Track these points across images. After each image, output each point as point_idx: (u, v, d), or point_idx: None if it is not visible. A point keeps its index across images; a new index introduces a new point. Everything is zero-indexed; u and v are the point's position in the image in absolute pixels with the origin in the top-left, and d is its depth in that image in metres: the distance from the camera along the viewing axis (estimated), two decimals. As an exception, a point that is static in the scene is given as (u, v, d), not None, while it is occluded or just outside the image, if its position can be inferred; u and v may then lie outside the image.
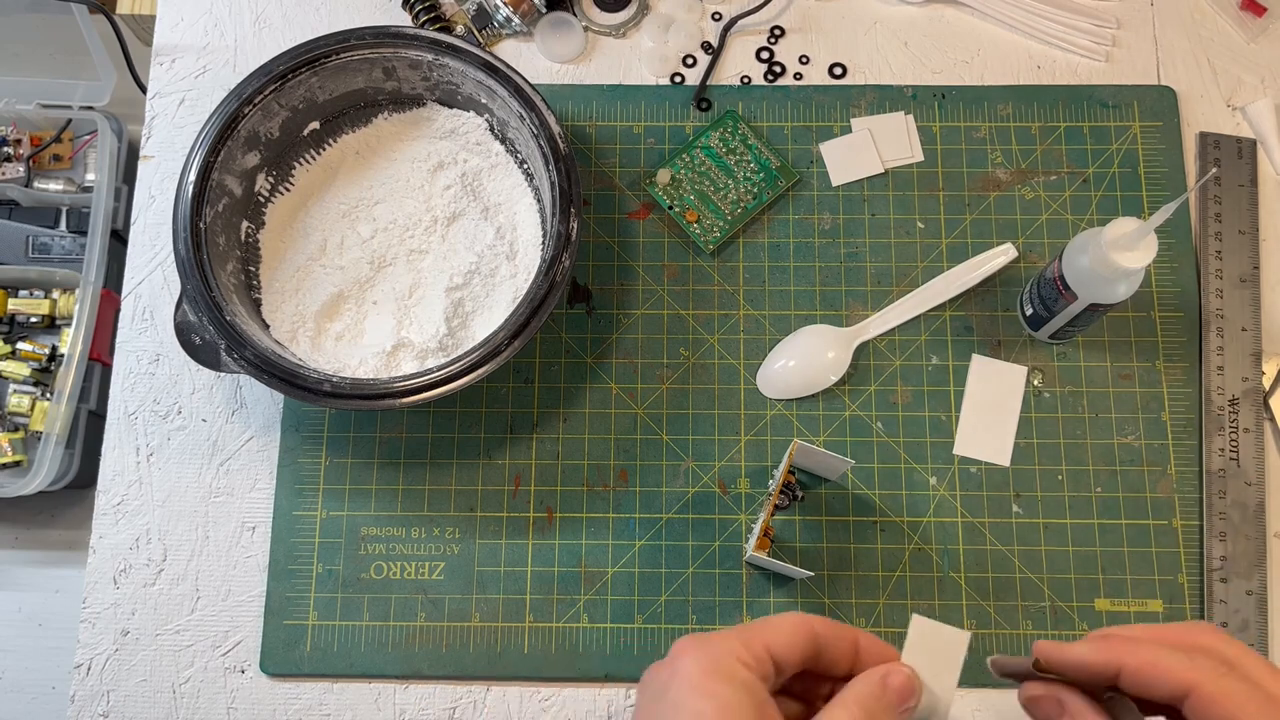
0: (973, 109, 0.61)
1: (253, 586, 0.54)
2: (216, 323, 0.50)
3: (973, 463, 0.55)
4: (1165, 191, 0.59)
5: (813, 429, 0.56)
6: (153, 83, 0.63)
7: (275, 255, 0.57)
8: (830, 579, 0.54)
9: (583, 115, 0.61)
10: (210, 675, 0.53)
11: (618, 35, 0.63)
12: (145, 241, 0.60)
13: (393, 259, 0.57)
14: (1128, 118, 0.60)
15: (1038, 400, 0.56)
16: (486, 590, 0.54)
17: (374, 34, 0.55)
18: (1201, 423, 0.55)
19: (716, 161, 0.60)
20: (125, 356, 0.58)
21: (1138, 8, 0.63)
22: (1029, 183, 0.59)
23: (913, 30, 0.63)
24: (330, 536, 0.55)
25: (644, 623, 0.53)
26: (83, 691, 0.53)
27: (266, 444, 0.57)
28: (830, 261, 0.59)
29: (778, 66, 0.62)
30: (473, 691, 0.53)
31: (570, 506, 0.55)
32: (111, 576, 0.55)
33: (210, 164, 0.53)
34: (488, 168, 0.58)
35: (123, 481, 0.56)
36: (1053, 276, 0.52)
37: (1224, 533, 0.54)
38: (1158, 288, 0.58)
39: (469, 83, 0.56)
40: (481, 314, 0.56)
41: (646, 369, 0.57)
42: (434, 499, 0.55)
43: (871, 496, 0.55)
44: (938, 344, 0.57)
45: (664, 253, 0.59)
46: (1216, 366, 0.56)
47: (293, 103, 0.56)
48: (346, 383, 0.50)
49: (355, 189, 0.58)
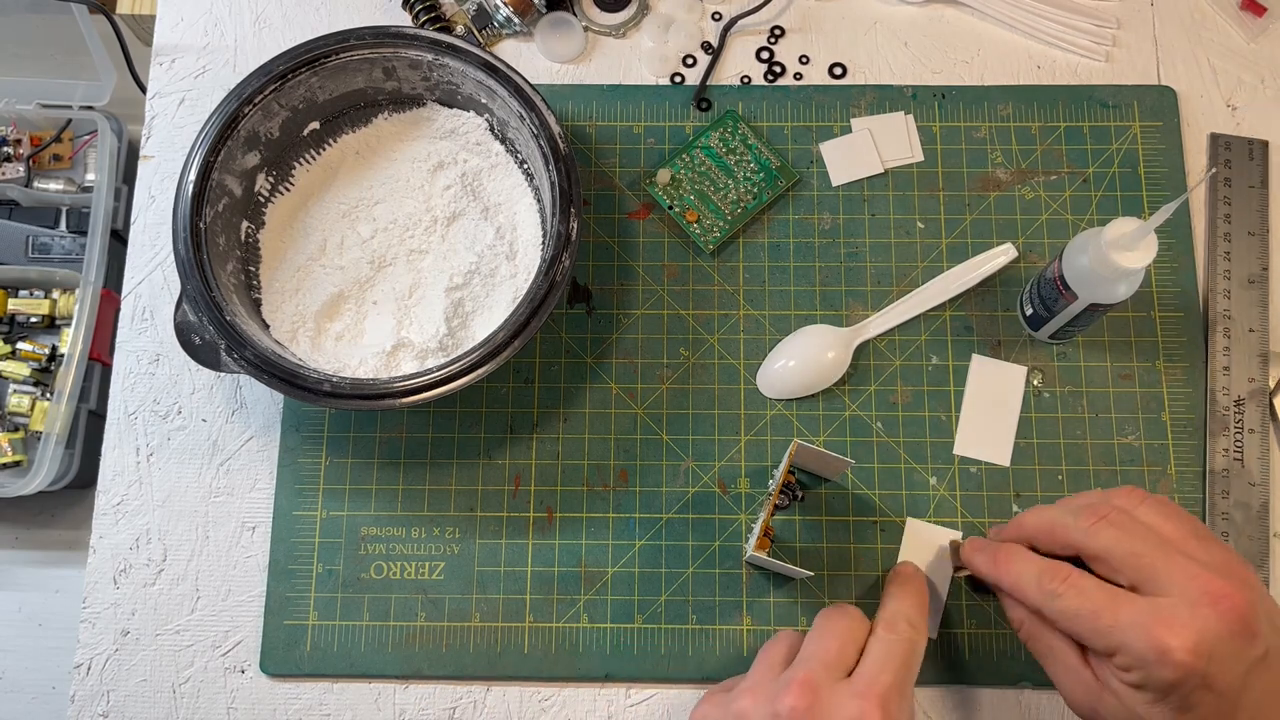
0: (973, 109, 0.61)
1: (253, 586, 0.54)
2: (216, 323, 0.50)
3: (973, 463, 0.55)
4: (1165, 191, 0.59)
5: (813, 429, 0.56)
6: (153, 83, 0.63)
7: (275, 255, 0.57)
8: (830, 579, 0.54)
9: (583, 115, 0.61)
10: (210, 675, 0.53)
11: (618, 35, 0.63)
12: (145, 241, 0.60)
13: (393, 259, 0.57)
14: (1128, 118, 0.60)
15: (1038, 400, 0.56)
16: (486, 590, 0.54)
17: (374, 34, 0.55)
18: (1205, 423, 0.55)
19: (716, 161, 0.60)
20: (125, 356, 0.58)
21: (1138, 8, 0.63)
22: (1029, 183, 0.59)
23: (913, 30, 0.63)
24: (330, 536, 0.55)
25: (644, 623, 0.53)
26: (83, 691, 0.53)
27: (266, 444, 0.57)
28: (830, 261, 0.58)
29: (778, 66, 0.62)
30: (473, 691, 0.53)
31: (570, 506, 0.55)
32: (111, 576, 0.55)
33: (210, 164, 0.53)
34: (488, 168, 0.58)
35: (123, 481, 0.56)
36: (1053, 276, 0.52)
37: (1226, 533, 0.54)
38: (1158, 288, 0.58)
39: (469, 83, 0.56)
40: (481, 314, 0.56)
41: (646, 369, 0.57)
42: (434, 499, 0.55)
43: (871, 496, 0.55)
44: (938, 344, 0.57)
45: (664, 253, 0.59)
46: (1222, 367, 0.56)
47: (293, 103, 0.56)
48: (346, 383, 0.50)
49: (355, 189, 0.58)
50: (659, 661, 0.53)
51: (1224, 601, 0.40)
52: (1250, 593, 0.40)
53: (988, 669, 0.52)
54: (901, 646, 0.45)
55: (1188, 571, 0.41)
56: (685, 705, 0.52)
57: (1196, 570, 0.41)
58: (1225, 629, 0.39)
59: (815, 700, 0.42)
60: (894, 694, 0.42)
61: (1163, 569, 0.41)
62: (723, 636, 0.53)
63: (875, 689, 0.42)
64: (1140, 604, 0.41)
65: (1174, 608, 0.40)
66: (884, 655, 0.44)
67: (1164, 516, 0.44)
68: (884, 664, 0.44)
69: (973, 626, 0.53)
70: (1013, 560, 0.46)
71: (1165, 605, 0.40)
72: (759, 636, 0.53)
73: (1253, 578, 0.42)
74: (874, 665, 0.44)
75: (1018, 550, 0.47)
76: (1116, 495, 0.45)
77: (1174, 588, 0.41)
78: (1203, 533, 0.43)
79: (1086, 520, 0.44)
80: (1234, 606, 0.40)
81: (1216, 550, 0.42)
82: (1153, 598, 0.41)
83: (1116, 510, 0.44)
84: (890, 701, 0.42)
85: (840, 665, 0.44)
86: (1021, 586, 0.45)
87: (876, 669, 0.44)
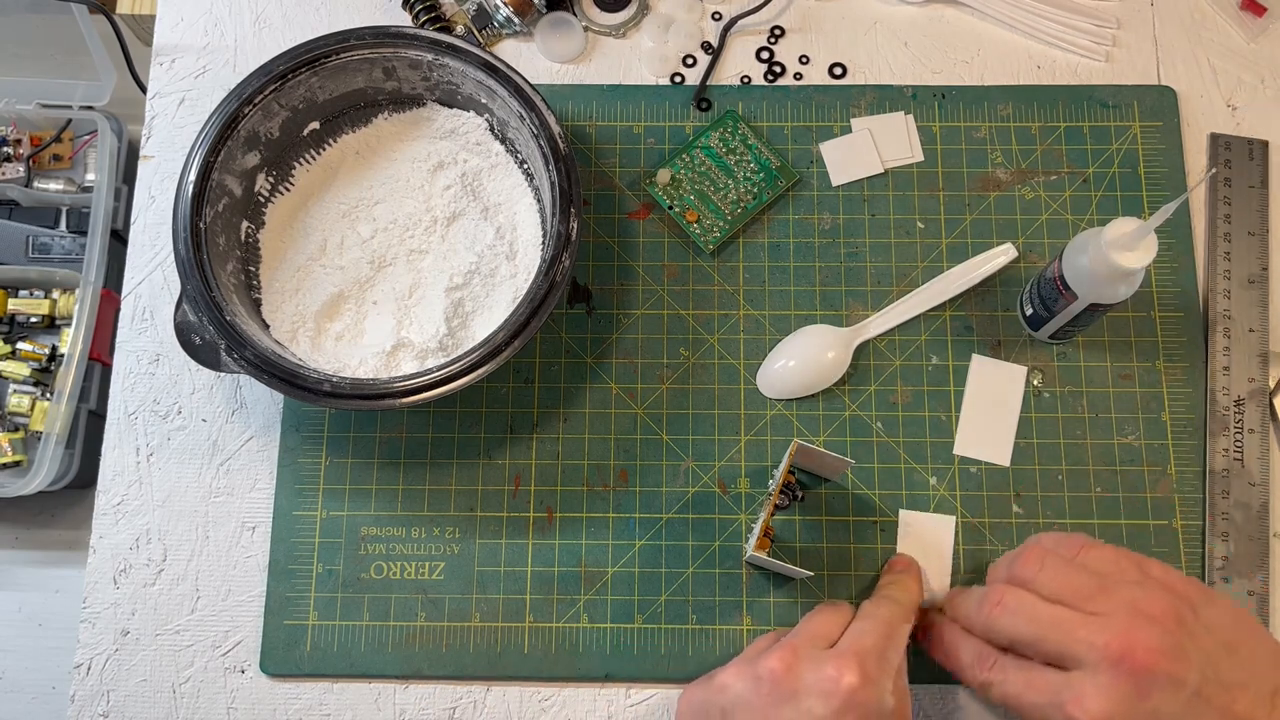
0: (973, 109, 0.61)
1: (253, 586, 0.54)
2: (216, 323, 0.50)
3: (973, 463, 0.55)
4: (1165, 191, 0.59)
5: (813, 429, 0.56)
6: (153, 83, 0.63)
7: (275, 255, 0.57)
8: (830, 579, 0.54)
9: (583, 115, 0.61)
10: (210, 675, 0.53)
11: (618, 35, 0.63)
12: (145, 241, 0.60)
13: (393, 259, 0.57)
14: (1128, 118, 0.60)
15: (1038, 400, 0.56)
16: (486, 590, 0.54)
17: (374, 34, 0.55)
18: (1205, 423, 0.55)
19: (716, 161, 0.60)
20: (125, 356, 0.58)
21: (1138, 8, 0.63)
22: (1029, 183, 0.59)
23: (913, 30, 0.63)
24: (330, 536, 0.55)
25: (644, 623, 0.53)
26: (83, 691, 0.53)
27: (266, 444, 0.57)
28: (830, 261, 0.58)
29: (778, 66, 0.62)
30: (473, 691, 0.53)
31: (570, 506, 0.55)
32: (111, 576, 0.55)
33: (210, 164, 0.53)
34: (488, 168, 0.58)
35: (123, 481, 0.56)
36: (1053, 276, 0.52)
37: (1226, 533, 0.54)
38: (1158, 288, 0.58)
39: (469, 83, 0.56)
40: (481, 314, 0.56)
41: (646, 369, 0.57)
42: (434, 499, 0.55)
43: (871, 496, 0.55)
44: (938, 344, 0.57)
45: (664, 253, 0.59)
46: (1222, 367, 0.56)
47: (293, 103, 0.56)
48: (346, 383, 0.50)
49: (355, 189, 0.58)
50: (659, 661, 0.53)
51: (1127, 660, 0.39)
52: (1160, 637, 0.39)
53: (988, 669, 0.52)
54: (884, 616, 0.45)
55: (1089, 639, 0.40)
56: (685, 705, 0.53)
57: (1098, 632, 0.40)
58: (1133, 689, 0.39)
59: (795, 661, 0.42)
60: (873, 657, 0.42)
61: (1066, 644, 0.41)
62: (723, 636, 0.53)
63: (853, 649, 0.43)
64: (1053, 682, 0.41)
65: (1081, 681, 0.40)
66: (866, 624, 0.45)
67: (1065, 575, 0.43)
68: (865, 631, 0.44)
69: (973, 626, 0.53)
70: (950, 644, 0.46)
71: (1075, 679, 0.40)
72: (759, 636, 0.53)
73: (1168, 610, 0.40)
74: (854, 631, 0.44)
75: (955, 633, 0.47)
76: (1018, 564, 0.44)
77: (1080, 658, 0.40)
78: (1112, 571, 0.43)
79: (985, 612, 0.44)
80: (1139, 662, 0.39)
81: (1124, 591, 0.41)
82: (1065, 673, 0.41)
83: (1010, 592, 0.44)
84: (868, 662, 0.42)
85: (823, 639, 0.44)
86: (960, 674, 0.46)
87: (856, 634, 0.44)
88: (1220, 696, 0.39)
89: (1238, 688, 0.39)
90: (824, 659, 0.42)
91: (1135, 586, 0.42)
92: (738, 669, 0.44)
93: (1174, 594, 0.41)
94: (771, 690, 0.42)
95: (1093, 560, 0.44)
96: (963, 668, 0.46)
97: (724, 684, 0.44)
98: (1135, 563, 0.44)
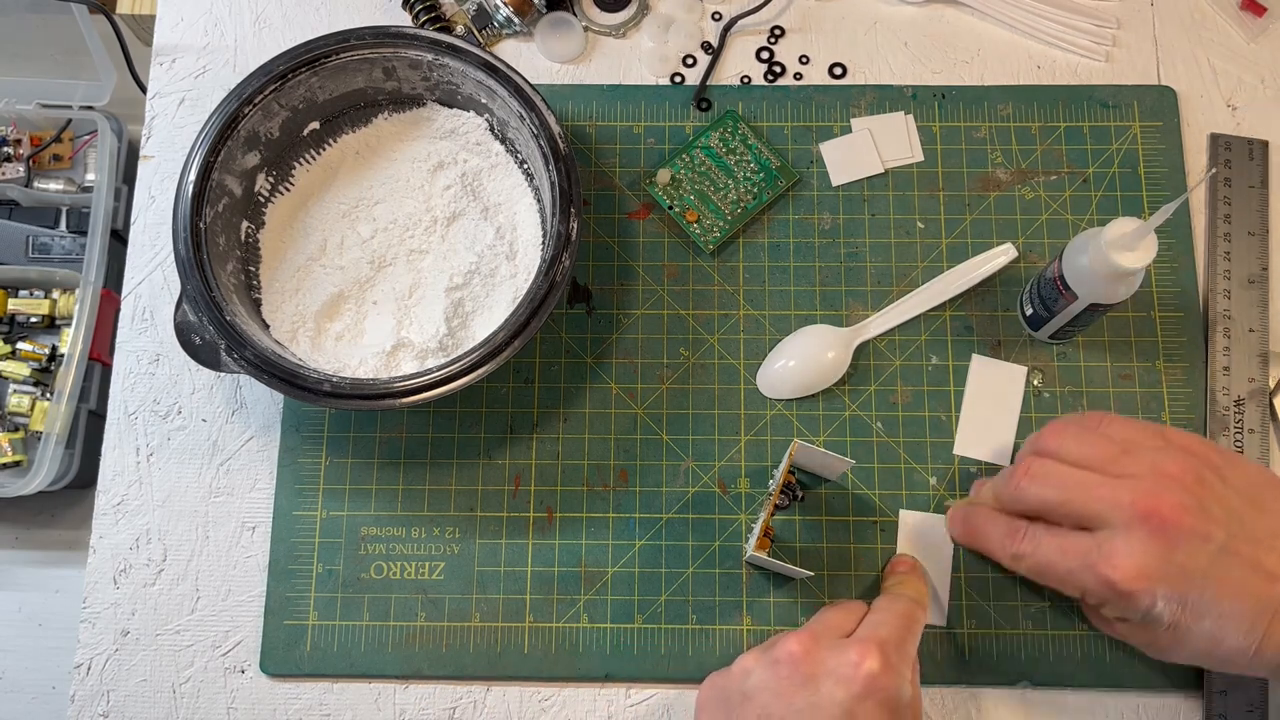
0: (973, 109, 0.61)
1: (253, 586, 0.54)
2: (216, 323, 0.50)
3: (973, 463, 0.55)
4: (1165, 191, 0.59)
5: (813, 429, 0.56)
6: (153, 83, 0.63)
7: (275, 255, 0.57)
8: (830, 579, 0.54)
9: (583, 115, 0.61)
10: (210, 675, 0.53)
11: (618, 35, 0.63)
12: (145, 241, 0.60)
13: (393, 259, 0.57)
14: (1128, 118, 0.60)
15: (1038, 400, 0.56)
16: (486, 590, 0.54)
17: (374, 34, 0.55)
18: (1205, 423, 0.55)
19: (716, 161, 0.60)
20: (125, 356, 0.58)
21: (1138, 8, 0.63)
22: (1029, 183, 0.59)
23: (913, 30, 0.63)
24: (330, 536, 0.55)
25: (644, 623, 0.53)
26: (83, 691, 0.53)
27: (266, 444, 0.57)
28: (830, 261, 0.58)
29: (778, 66, 0.62)
30: (473, 691, 0.53)
31: (570, 506, 0.55)
32: (111, 576, 0.55)
33: (210, 164, 0.53)
34: (488, 168, 0.58)
35: (123, 481, 0.56)
36: (1053, 276, 0.52)
37: (1224, 533, 0.54)
38: (1158, 288, 0.58)
39: (469, 83, 0.56)
40: (481, 314, 0.56)
41: (646, 369, 0.57)
42: (434, 499, 0.55)
43: (871, 496, 0.55)
44: (938, 344, 0.57)
45: (664, 253, 0.59)
46: (1222, 367, 0.56)
47: (293, 103, 0.56)
48: (346, 383, 0.50)
49: (355, 189, 0.58)
50: (659, 661, 0.53)
51: (1153, 518, 0.40)
52: (1182, 495, 0.40)
53: (988, 669, 0.52)
54: (900, 610, 0.46)
55: (1114, 498, 0.41)
56: (685, 705, 0.52)
57: (1123, 493, 0.41)
58: (1161, 545, 0.39)
59: (815, 646, 0.43)
60: (892, 645, 0.43)
61: (1092, 506, 0.42)
62: (723, 636, 0.53)
63: (874, 637, 0.43)
64: (1083, 544, 0.42)
65: (1110, 540, 0.41)
66: (882, 616, 0.45)
67: (1089, 443, 0.44)
68: (882, 622, 0.45)
69: (973, 626, 0.52)
70: (980, 524, 0.47)
71: (1104, 539, 0.41)
72: (759, 636, 0.53)
73: (1189, 470, 0.41)
74: (871, 622, 0.45)
75: (984, 514, 0.47)
76: (1042, 438, 0.46)
77: (1107, 518, 0.41)
78: (1133, 437, 0.43)
79: (1013, 483, 0.45)
80: (1165, 519, 0.40)
81: (1145, 455, 0.42)
82: (1094, 533, 0.42)
83: (1037, 461, 0.45)
84: (888, 649, 0.42)
85: (840, 629, 0.45)
86: (992, 552, 0.47)
87: (874, 625, 0.44)
88: (1249, 550, 0.40)
89: (1267, 542, 0.40)
90: (845, 644, 0.43)
91: (1158, 451, 0.43)
92: (757, 655, 0.45)
93: (1196, 456, 0.42)
94: (791, 673, 0.42)
95: (1115, 430, 0.45)
96: (994, 546, 0.46)
97: (744, 669, 0.45)
98: (1157, 430, 0.44)
